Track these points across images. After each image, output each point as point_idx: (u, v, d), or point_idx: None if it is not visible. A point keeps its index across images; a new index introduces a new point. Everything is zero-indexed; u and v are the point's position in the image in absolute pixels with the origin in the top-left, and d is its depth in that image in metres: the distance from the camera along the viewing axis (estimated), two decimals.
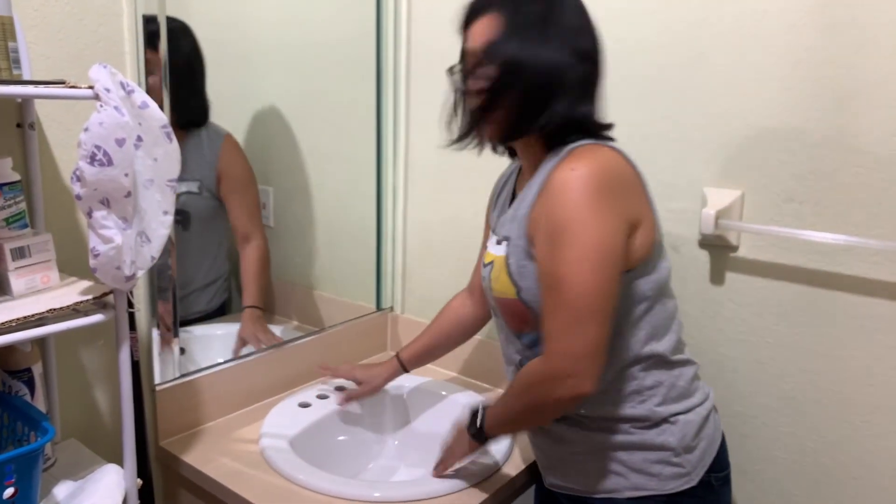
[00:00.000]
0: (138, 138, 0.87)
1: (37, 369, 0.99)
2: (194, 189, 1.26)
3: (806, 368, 1.15)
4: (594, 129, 0.97)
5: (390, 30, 1.56)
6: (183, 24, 1.19)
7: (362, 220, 1.62)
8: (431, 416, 1.42)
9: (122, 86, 0.85)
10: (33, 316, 0.85)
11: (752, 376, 1.20)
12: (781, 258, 1.15)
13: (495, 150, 1.08)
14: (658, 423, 0.98)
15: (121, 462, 0.97)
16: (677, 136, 1.21)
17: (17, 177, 0.94)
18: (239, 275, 1.39)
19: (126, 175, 0.83)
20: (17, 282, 0.92)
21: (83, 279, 0.99)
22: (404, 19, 1.54)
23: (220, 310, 1.38)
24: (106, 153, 0.81)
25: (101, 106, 0.82)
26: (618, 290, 0.90)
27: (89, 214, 0.84)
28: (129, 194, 0.84)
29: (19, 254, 0.92)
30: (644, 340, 0.98)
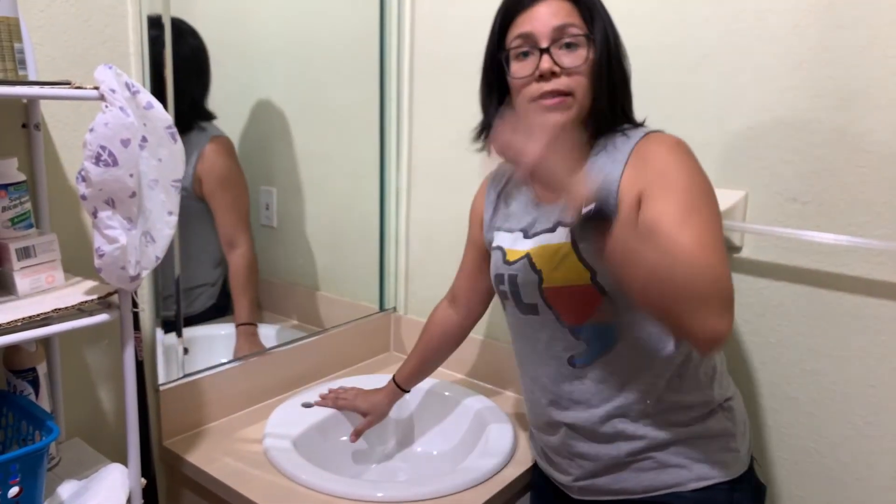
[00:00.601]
0: (143, 139, 0.87)
1: (41, 369, 0.99)
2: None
3: (808, 369, 1.15)
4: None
5: (394, 30, 1.56)
6: (181, 27, 1.19)
7: (365, 220, 1.63)
8: (434, 418, 1.42)
9: (128, 86, 0.85)
10: (38, 315, 0.86)
11: (754, 377, 1.20)
12: (784, 259, 1.15)
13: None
14: (715, 409, 0.98)
15: (125, 462, 0.97)
16: (680, 135, 1.21)
17: (22, 177, 0.94)
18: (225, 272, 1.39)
19: (131, 175, 0.84)
20: (22, 281, 0.92)
21: (88, 279, 0.99)
22: (408, 19, 1.55)
23: (214, 309, 1.37)
24: (111, 153, 0.81)
25: (107, 106, 0.82)
26: None
27: (94, 214, 0.84)
28: (133, 194, 0.85)
29: (24, 254, 0.93)
30: None
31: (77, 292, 0.94)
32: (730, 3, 1.13)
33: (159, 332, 1.23)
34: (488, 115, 1.04)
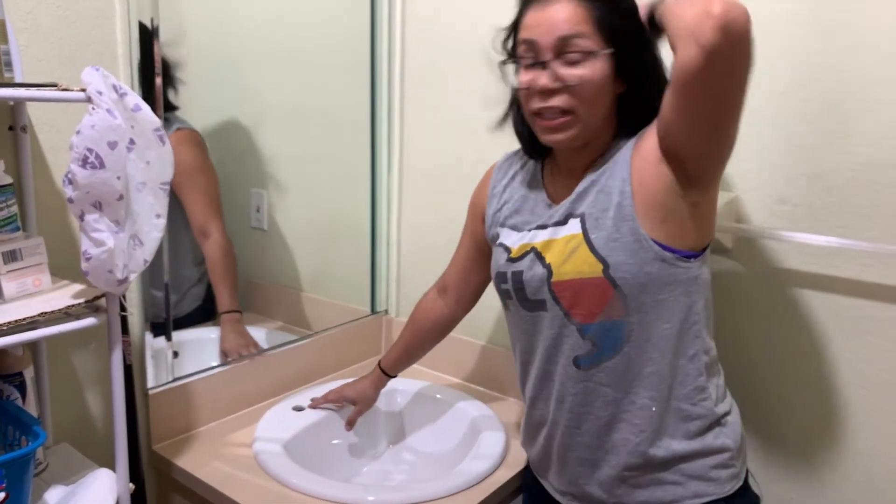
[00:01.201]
0: (131, 141, 0.86)
1: (28, 373, 0.98)
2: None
3: (798, 371, 1.15)
4: None
5: (385, 33, 1.56)
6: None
7: (357, 223, 1.62)
8: (426, 421, 1.42)
9: (115, 88, 0.85)
10: (24, 319, 0.85)
11: (744, 379, 1.20)
12: (774, 261, 1.15)
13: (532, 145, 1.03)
14: (714, 424, 0.96)
15: (113, 466, 0.96)
16: None
17: (8, 180, 0.94)
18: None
19: (118, 178, 0.83)
20: (8, 285, 0.92)
21: (75, 282, 0.98)
22: (399, 22, 1.55)
23: (200, 310, 1.36)
24: (98, 156, 0.81)
25: (94, 109, 0.82)
26: None
27: (81, 217, 0.83)
28: (121, 197, 0.84)
29: (11, 257, 0.92)
30: (707, 333, 0.97)
31: (64, 296, 0.93)
32: None
33: (148, 336, 1.22)
34: (511, 106, 1.04)
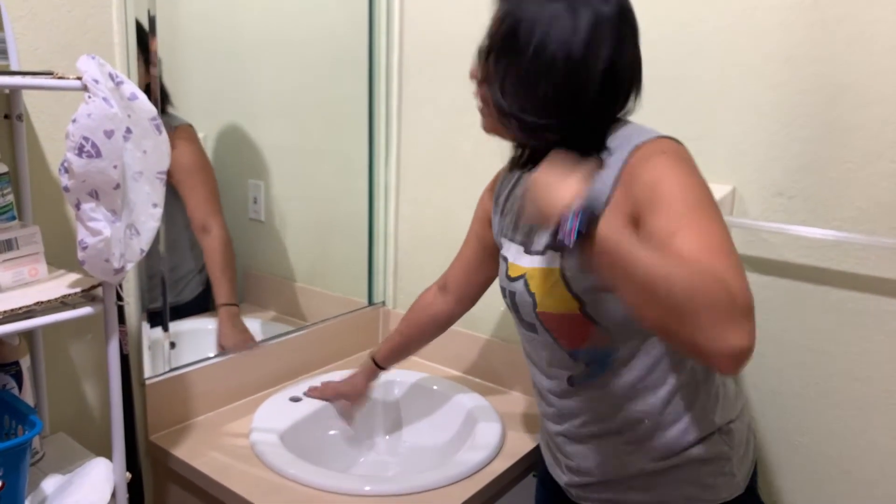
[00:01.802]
0: (127, 130, 0.86)
1: (24, 363, 0.98)
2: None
3: (794, 363, 1.16)
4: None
5: (383, 25, 1.55)
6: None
7: (354, 214, 1.62)
8: (422, 412, 1.42)
9: (111, 77, 0.84)
10: (20, 308, 0.85)
11: (741, 371, 1.21)
12: (771, 253, 1.15)
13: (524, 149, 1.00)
14: (714, 433, 0.95)
15: (110, 456, 0.96)
16: (668, 132, 1.21)
17: (4, 168, 0.93)
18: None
19: (115, 167, 0.83)
20: (4, 274, 0.91)
21: (72, 272, 0.98)
22: (397, 15, 1.54)
23: (197, 301, 1.36)
24: (94, 145, 0.80)
25: (90, 97, 0.81)
26: None
27: (77, 206, 0.83)
28: (117, 186, 0.84)
29: (6, 246, 0.92)
30: None
31: (60, 285, 0.93)
32: (718, 0, 1.14)
33: (145, 326, 1.22)
34: None
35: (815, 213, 1.10)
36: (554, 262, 0.92)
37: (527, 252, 0.98)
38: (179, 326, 1.29)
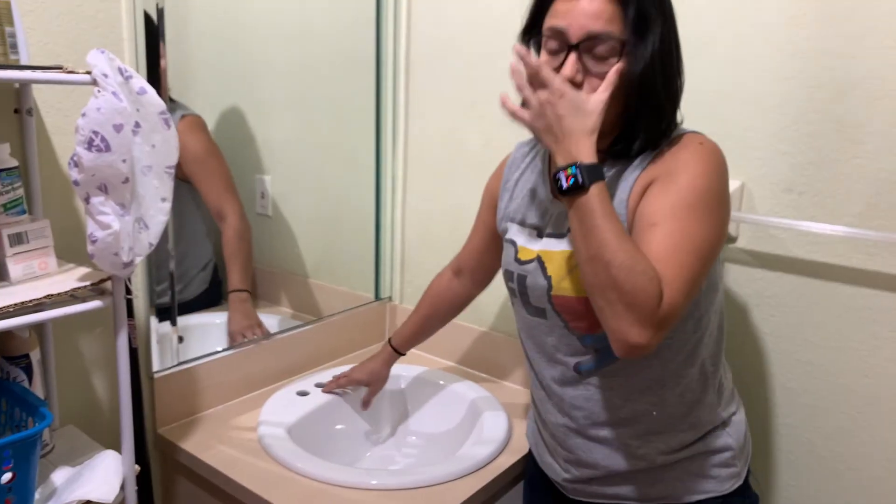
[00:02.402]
0: (136, 124, 0.86)
1: (35, 355, 0.99)
2: None
3: (803, 359, 1.15)
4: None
5: (390, 18, 1.55)
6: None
7: (361, 209, 1.62)
8: (429, 406, 1.43)
9: (121, 71, 0.85)
10: (31, 301, 0.85)
11: (748, 367, 1.21)
12: (780, 249, 1.15)
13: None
14: (716, 427, 0.96)
15: (119, 449, 0.97)
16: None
17: (14, 162, 0.94)
18: (222, 261, 1.37)
19: (124, 161, 0.83)
20: (14, 268, 0.92)
21: (81, 265, 0.99)
22: (404, 8, 1.54)
23: (206, 295, 1.36)
24: (104, 139, 0.81)
25: (99, 91, 0.81)
26: (708, 271, 0.88)
27: (87, 200, 0.84)
28: (126, 180, 0.84)
29: (17, 240, 0.92)
30: (712, 340, 0.96)
31: (70, 279, 0.93)
32: None
33: (154, 320, 1.22)
34: None
35: (824, 209, 1.10)
36: (569, 245, 0.93)
37: (540, 236, 0.98)
38: (188, 320, 1.29)
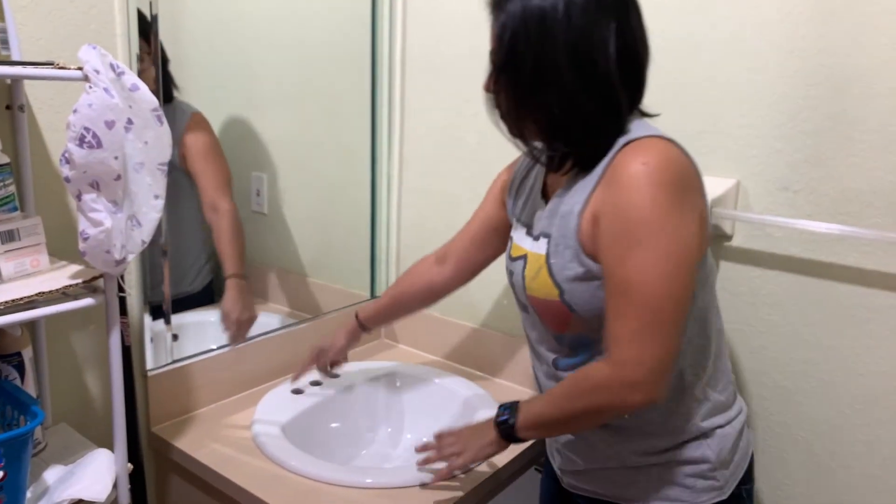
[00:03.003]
0: (129, 121, 0.86)
1: (27, 353, 0.98)
2: None
3: (798, 358, 1.15)
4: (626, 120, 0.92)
5: (385, 18, 1.54)
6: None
7: (356, 207, 1.62)
8: (424, 404, 1.42)
9: (113, 67, 0.84)
10: (22, 299, 0.85)
11: (743, 365, 1.20)
12: (775, 247, 1.15)
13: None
14: (698, 436, 0.95)
15: (112, 447, 0.96)
16: (672, 125, 1.20)
17: (6, 159, 0.93)
18: (217, 259, 1.37)
19: (116, 158, 0.83)
20: (6, 265, 0.91)
21: (73, 263, 0.98)
22: (399, 6, 1.53)
23: (205, 291, 1.36)
24: (95, 135, 0.80)
25: (91, 87, 0.81)
26: (692, 292, 0.86)
27: (78, 197, 0.83)
28: (118, 177, 0.84)
29: (8, 237, 0.92)
30: (695, 350, 0.95)
31: (62, 276, 0.93)
32: None
33: (147, 318, 1.22)
34: None
35: (820, 207, 1.10)
36: (542, 248, 0.94)
37: (528, 234, 0.99)
38: (183, 318, 1.29)
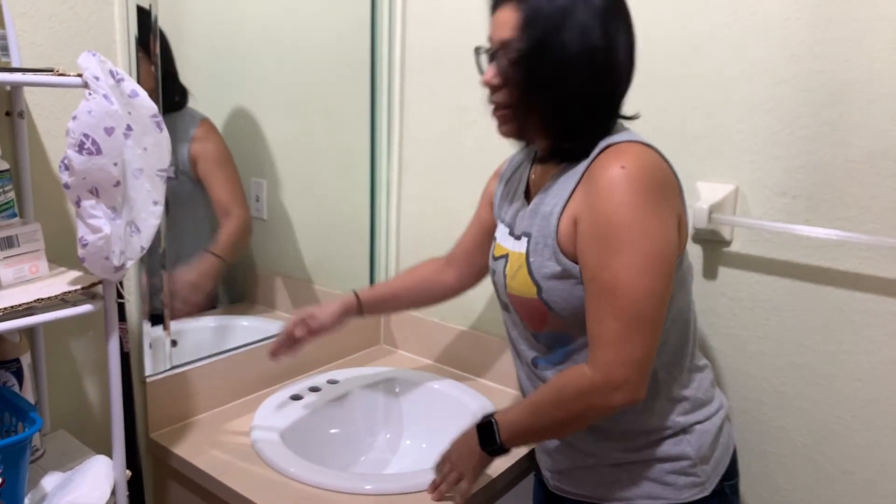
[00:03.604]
0: (128, 127, 0.86)
1: (25, 360, 0.98)
2: (170, 173, 1.24)
3: (796, 363, 1.15)
4: (613, 123, 0.95)
5: (385, 22, 1.55)
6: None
7: (356, 212, 1.62)
8: (423, 410, 1.42)
9: (112, 74, 0.84)
10: (21, 305, 0.85)
11: (742, 371, 1.20)
12: (774, 253, 1.15)
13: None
14: (677, 432, 0.96)
15: (110, 454, 0.96)
16: (671, 130, 1.21)
17: (5, 165, 0.93)
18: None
19: (115, 164, 0.83)
20: (5, 271, 0.91)
21: (72, 269, 0.98)
22: (399, 11, 1.54)
23: (210, 303, 1.36)
24: (94, 142, 0.80)
25: (90, 94, 0.81)
26: (670, 292, 0.88)
27: (77, 204, 0.83)
28: (118, 184, 0.84)
29: (7, 243, 0.92)
30: (672, 350, 0.96)
31: (61, 282, 0.93)
32: None
33: (147, 325, 1.22)
34: None
35: (817, 213, 1.10)
36: (523, 247, 0.96)
37: (510, 234, 1.01)
38: (182, 325, 1.28)
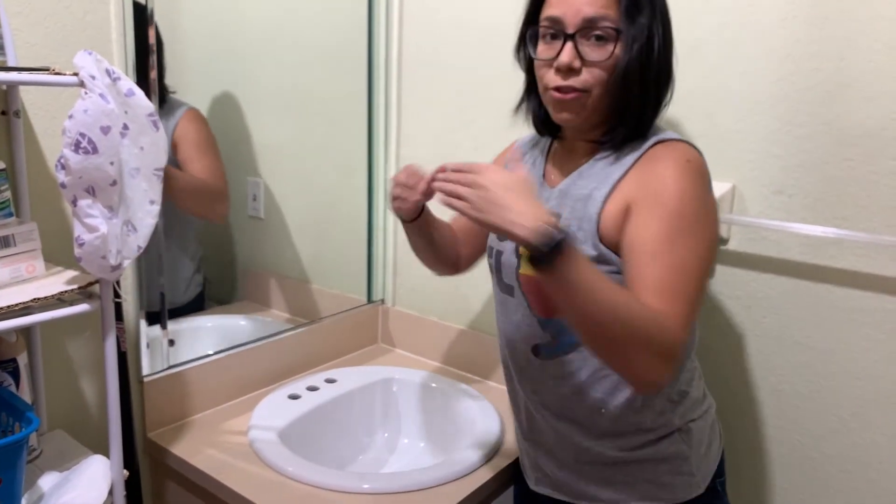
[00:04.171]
0: (124, 126, 0.86)
1: (22, 359, 0.98)
2: None
3: (794, 361, 1.15)
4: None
5: (382, 22, 1.55)
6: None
7: (353, 212, 1.62)
8: (421, 409, 1.42)
9: (108, 73, 0.84)
10: (17, 305, 0.85)
11: (739, 369, 1.21)
12: (771, 251, 1.15)
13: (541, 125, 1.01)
14: (673, 432, 0.95)
15: (107, 453, 0.96)
16: (668, 128, 1.21)
17: (1, 165, 0.93)
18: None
19: (111, 163, 0.83)
20: (1, 271, 0.91)
21: (69, 269, 0.98)
22: (396, 12, 1.53)
23: (197, 300, 1.35)
24: (91, 141, 0.80)
25: (86, 93, 0.81)
26: None
27: (74, 203, 0.83)
28: (114, 183, 0.84)
29: (4, 243, 0.91)
30: None
31: (58, 282, 0.93)
32: None
33: (144, 324, 1.22)
34: (528, 88, 1.00)
35: (814, 211, 1.10)
36: None
37: None
38: (178, 324, 1.28)
